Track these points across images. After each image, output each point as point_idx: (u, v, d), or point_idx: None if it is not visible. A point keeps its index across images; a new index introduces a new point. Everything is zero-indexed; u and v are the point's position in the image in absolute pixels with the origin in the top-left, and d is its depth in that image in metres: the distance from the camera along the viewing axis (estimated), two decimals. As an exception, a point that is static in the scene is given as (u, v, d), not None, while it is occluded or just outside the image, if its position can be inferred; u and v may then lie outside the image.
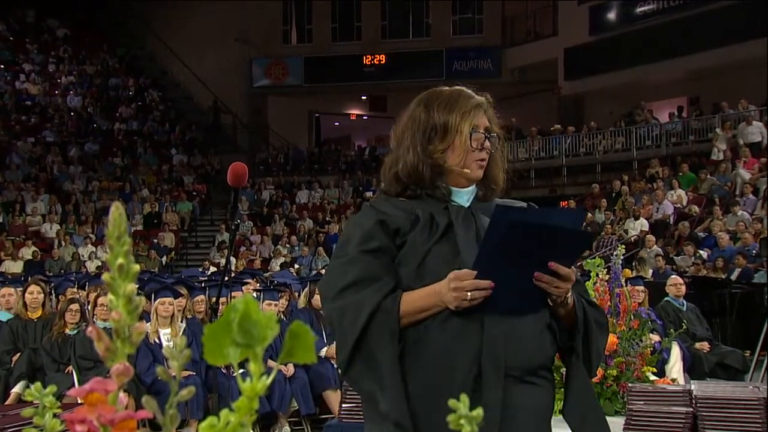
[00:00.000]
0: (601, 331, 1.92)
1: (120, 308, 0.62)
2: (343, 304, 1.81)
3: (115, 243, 0.63)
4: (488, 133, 1.94)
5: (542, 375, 1.84)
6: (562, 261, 1.75)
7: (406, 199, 1.94)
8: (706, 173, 16.14)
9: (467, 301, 1.72)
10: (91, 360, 5.72)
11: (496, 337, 1.76)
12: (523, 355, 1.79)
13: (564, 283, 1.78)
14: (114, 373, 0.61)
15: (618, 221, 15.90)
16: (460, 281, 1.72)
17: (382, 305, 1.77)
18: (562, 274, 1.76)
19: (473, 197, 1.95)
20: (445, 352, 1.77)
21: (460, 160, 1.91)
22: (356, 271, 1.82)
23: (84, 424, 0.59)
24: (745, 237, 12.59)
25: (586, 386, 1.90)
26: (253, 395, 0.56)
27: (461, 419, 0.56)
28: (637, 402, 2.67)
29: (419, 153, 1.92)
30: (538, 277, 1.75)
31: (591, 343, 1.88)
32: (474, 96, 1.97)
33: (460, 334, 1.76)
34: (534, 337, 1.81)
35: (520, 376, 1.78)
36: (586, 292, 1.96)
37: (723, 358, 7.57)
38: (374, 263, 1.83)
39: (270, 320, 0.55)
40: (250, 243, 18.82)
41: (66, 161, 21.79)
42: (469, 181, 1.94)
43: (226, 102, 24.33)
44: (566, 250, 1.77)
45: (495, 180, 1.97)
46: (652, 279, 11.26)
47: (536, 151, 21.02)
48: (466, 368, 1.75)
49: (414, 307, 1.78)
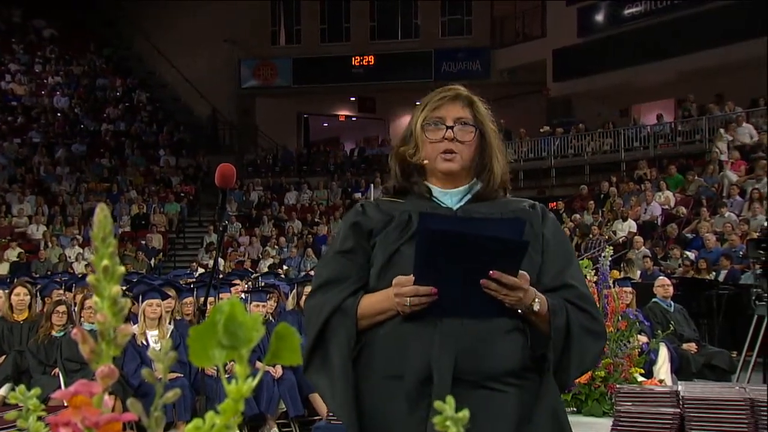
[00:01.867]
0: (588, 339, 1.83)
1: (105, 310, 0.61)
2: (311, 304, 1.87)
3: (100, 244, 0.63)
4: (461, 123, 1.87)
5: (509, 381, 1.77)
6: (505, 269, 1.72)
7: (396, 199, 1.93)
8: (693, 175, 16.22)
9: (408, 307, 1.73)
10: (77, 362, 5.69)
11: (448, 342, 1.73)
12: (481, 361, 1.74)
13: (512, 292, 1.73)
14: (99, 375, 0.60)
15: (606, 222, 15.96)
16: (401, 287, 1.73)
17: (342, 306, 1.80)
18: (506, 282, 1.72)
19: (466, 197, 1.91)
20: (397, 355, 1.76)
21: (425, 154, 1.89)
22: (328, 272, 1.88)
23: (68, 427, 0.58)
24: (732, 238, 12.66)
25: (552, 400, 1.82)
26: (238, 397, 0.56)
27: (447, 421, 0.56)
28: (625, 403, 2.68)
29: (395, 150, 1.96)
30: (485, 285, 1.72)
31: (570, 352, 1.80)
32: (450, 89, 1.93)
33: (414, 338, 1.75)
34: (495, 342, 1.76)
35: (480, 381, 1.74)
36: (581, 297, 1.86)
37: (710, 359, 7.61)
38: (346, 264, 1.86)
39: (256, 322, 0.55)
40: (238, 244, 18.77)
41: (53, 162, 21.67)
42: (445, 177, 1.90)
43: (215, 103, 24.27)
44: (503, 259, 1.72)
45: (489, 173, 1.91)
46: (639, 280, 11.31)
47: (525, 152, 21.08)
48: (415, 372, 1.74)
49: (372, 309, 1.80)
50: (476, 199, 1.91)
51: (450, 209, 1.89)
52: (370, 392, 1.79)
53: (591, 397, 3.12)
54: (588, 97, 21.71)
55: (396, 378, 1.76)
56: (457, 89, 1.93)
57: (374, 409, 1.78)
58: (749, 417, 2.40)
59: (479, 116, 1.91)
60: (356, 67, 24.25)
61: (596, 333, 1.86)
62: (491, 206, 1.90)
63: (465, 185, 1.91)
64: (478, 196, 1.92)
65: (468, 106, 1.91)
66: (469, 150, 1.89)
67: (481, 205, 1.89)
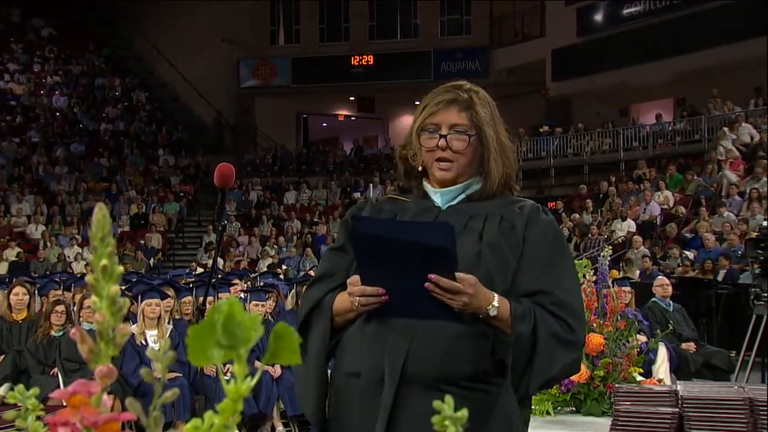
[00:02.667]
0: (558, 348, 1.76)
1: (104, 310, 0.61)
2: (303, 299, 1.96)
3: (99, 244, 0.63)
4: (456, 131, 1.85)
5: (464, 385, 1.72)
6: (440, 273, 1.70)
7: (398, 197, 1.96)
8: (692, 174, 16.23)
9: (357, 306, 1.77)
10: (76, 362, 5.69)
11: (400, 343, 1.74)
12: (432, 363, 1.72)
13: (455, 296, 1.69)
14: (98, 375, 0.60)
15: (605, 222, 15.97)
16: (352, 286, 1.77)
17: (321, 302, 1.86)
18: (444, 286, 1.69)
19: (459, 197, 1.91)
20: (357, 354, 1.79)
21: (422, 159, 1.89)
22: (321, 268, 1.98)
23: (67, 427, 0.58)
24: (731, 238, 12.67)
25: (505, 408, 1.76)
26: (237, 397, 0.56)
27: (445, 420, 0.56)
28: (624, 402, 2.68)
29: (399, 150, 1.98)
30: (429, 289, 1.71)
31: (534, 359, 1.75)
32: (453, 91, 1.89)
33: (372, 338, 1.77)
34: (450, 345, 1.73)
35: (431, 383, 1.71)
36: (557, 304, 1.78)
37: (709, 359, 7.62)
38: (335, 260, 1.93)
39: (254, 322, 0.55)
40: (237, 244, 18.76)
41: (52, 162, 21.66)
42: (440, 182, 1.90)
43: (214, 103, 24.26)
44: (433, 263, 1.71)
45: (488, 176, 1.88)
46: (639, 280, 11.31)
47: (524, 152, 21.08)
48: (371, 371, 1.76)
49: (342, 306, 1.83)
50: (473, 198, 1.90)
51: (437, 207, 1.89)
52: (335, 388, 1.84)
53: (590, 396, 3.12)
54: (587, 97, 21.72)
55: (355, 375, 1.79)
56: (456, 92, 1.89)
57: (337, 405, 1.83)
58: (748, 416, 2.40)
59: (477, 120, 1.87)
60: (355, 67, 24.24)
61: (568, 342, 1.77)
62: (482, 207, 1.88)
63: (459, 184, 1.90)
64: (476, 195, 1.90)
65: (465, 111, 1.87)
66: (465, 157, 1.87)
67: (473, 206, 1.88)
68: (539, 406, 3.10)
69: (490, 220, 1.85)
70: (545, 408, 3.09)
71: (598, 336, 3.18)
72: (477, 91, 1.93)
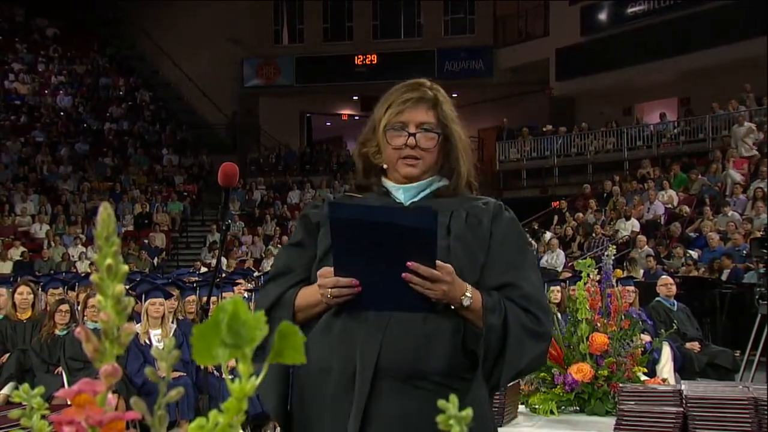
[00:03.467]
0: (528, 340, 1.77)
1: (109, 309, 0.61)
2: (259, 296, 1.96)
3: (104, 243, 0.63)
4: (423, 129, 1.85)
5: (437, 380, 1.71)
6: (420, 260, 1.67)
7: (355, 194, 1.94)
8: (696, 174, 16.21)
9: (329, 299, 1.73)
10: (81, 361, 5.70)
11: (372, 337, 1.72)
12: (405, 357, 1.71)
13: (434, 285, 1.68)
14: (102, 374, 0.61)
15: (609, 221, 15.95)
16: (323, 278, 1.74)
17: (282, 298, 1.83)
18: (423, 273, 1.67)
19: (424, 193, 1.90)
20: (327, 349, 1.76)
21: (387, 157, 1.88)
22: (277, 264, 1.95)
23: (72, 426, 0.58)
24: (735, 237, 12.65)
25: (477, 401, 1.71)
26: (241, 396, 0.56)
27: (450, 419, 0.56)
28: (628, 402, 2.68)
29: (358, 147, 1.96)
30: (407, 279, 1.68)
31: (505, 352, 1.75)
32: (418, 89, 1.89)
33: (344, 332, 1.75)
34: (424, 340, 1.72)
35: (404, 378, 1.71)
36: (525, 297, 1.80)
37: (713, 358, 7.61)
38: (293, 256, 1.90)
39: (259, 321, 0.55)
40: (240, 243, 18.78)
41: (56, 161, 21.70)
42: (405, 179, 1.89)
43: (217, 102, 24.28)
44: (414, 249, 1.68)
45: (453, 174, 1.90)
46: (643, 279, 11.30)
47: (528, 151, 21.07)
48: (342, 365, 1.74)
49: (306, 301, 1.81)
50: (437, 195, 1.90)
51: (401, 203, 1.87)
52: (302, 385, 1.81)
53: (594, 396, 3.12)
54: (591, 96, 21.70)
55: (326, 371, 1.76)
56: (422, 91, 1.89)
57: (304, 401, 1.80)
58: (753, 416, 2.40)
59: (443, 119, 1.88)
60: (359, 66, 24.24)
61: (537, 334, 1.78)
62: (447, 203, 1.88)
63: (422, 181, 1.89)
64: (440, 193, 1.90)
65: (432, 109, 1.87)
66: (432, 155, 1.87)
67: (438, 202, 1.86)
68: (543, 406, 3.10)
69: (456, 216, 1.86)
70: (549, 407, 3.09)
71: (603, 335, 3.18)
72: (439, 89, 1.93)
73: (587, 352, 3.16)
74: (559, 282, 8.27)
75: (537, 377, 3.23)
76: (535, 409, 3.12)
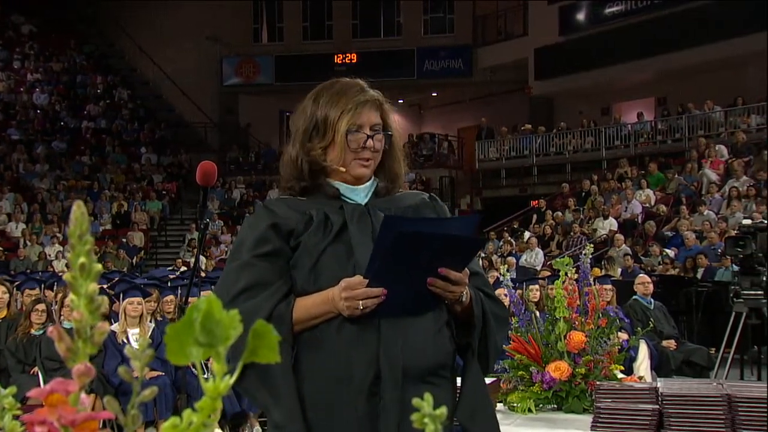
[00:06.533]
0: (499, 325, 1.92)
1: (82, 308, 0.61)
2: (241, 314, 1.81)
3: (77, 242, 0.62)
4: (376, 131, 1.87)
5: (442, 374, 1.82)
6: (454, 265, 1.76)
7: (301, 198, 1.90)
8: (673, 173, 16.36)
9: (359, 310, 1.70)
10: (57, 361, 5.64)
11: (393, 339, 1.74)
12: (421, 355, 1.77)
13: (457, 287, 1.77)
14: (75, 373, 0.60)
15: (587, 220, 16.06)
16: (352, 290, 1.70)
17: (275, 312, 1.74)
18: (453, 279, 1.75)
19: (371, 193, 1.91)
20: (341, 357, 1.74)
21: (339, 158, 1.86)
22: (248, 276, 1.78)
23: (44, 426, 0.58)
24: (711, 236, 12.78)
25: (478, 383, 1.89)
26: (216, 395, 0.56)
27: (425, 418, 0.56)
28: (605, 400, 2.70)
29: (298, 148, 1.90)
30: (432, 283, 1.74)
31: (489, 338, 1.88)
32: (365, 91, 1.90)
33: (357, 338, 1.74)
34: (432, 337, 1.80)
35: (420, 376, 1.76)
36: (486, 284, 1.96)
37: (689, 356, 7.69)
38: (267, 268, 1.79)
39: (233, 320, 0.55)
40: (219, 242, 18.70)
41: (32, 159, 21.46)
42: (356, 180, 1.89)
43: (197, 100, 24.14)
44: (457, 255, 1.77)
45: (393, 175, 1.94)
46: (620, 278, 11.39)
47: (507, 150, 21.15)
48: (363, 372, 1.73)
49: (308, 314, 1.76)
50: (377, 194, 1.93)
51: (360, 205, 1.88)
52: (316, 397, 1.75)
53: (571, 394, 3.14)
54: (569, 96, 21.82)
55: (343, 380, 1.73)
56: (369, 92, 1.90)
57: (323, 414, 1.74)
58: (726, 413, 2.43)
59: (388, 120, 1.92)
60: (339, 65, 24.19)
61: (503, 318, 1.96)
62: (394, 201, 1.93)
63: (369, 182, 1.92)
64: (379, 192, 1.93)
65: (378, 110, 1.90)
66: (380, 155, 1.91)
67: (385, 200, 1.92)
68: (521, 404, 3.11)
69: (412, 212, 1.93)
70: (527, 406, 3.10)
71: (580, 334, 3.19)
72: (378, 90, 1.96)
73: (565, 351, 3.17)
74: (538, 280, 8.32)
75: (515, 375, 3.25)
76: (513, 408, 3.13)
